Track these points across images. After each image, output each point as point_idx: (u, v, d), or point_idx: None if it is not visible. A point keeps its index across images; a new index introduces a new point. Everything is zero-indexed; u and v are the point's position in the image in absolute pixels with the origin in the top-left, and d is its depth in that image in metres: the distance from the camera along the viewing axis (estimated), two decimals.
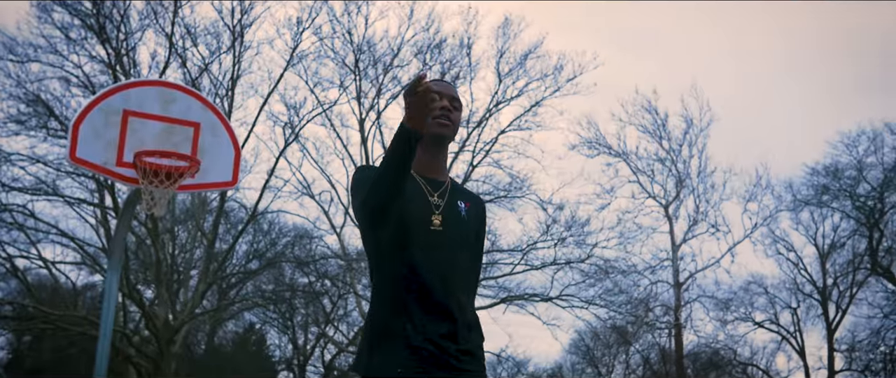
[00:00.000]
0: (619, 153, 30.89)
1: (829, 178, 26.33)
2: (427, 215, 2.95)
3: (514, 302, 24.58)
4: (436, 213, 2.98)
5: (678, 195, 31.55)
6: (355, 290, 24.94)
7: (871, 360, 29.67)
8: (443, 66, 23.70)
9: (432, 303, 2.86)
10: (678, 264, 32.18)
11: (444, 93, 3.08)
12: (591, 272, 25.82)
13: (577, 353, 61.42)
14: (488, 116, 23.62)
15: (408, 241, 2.89)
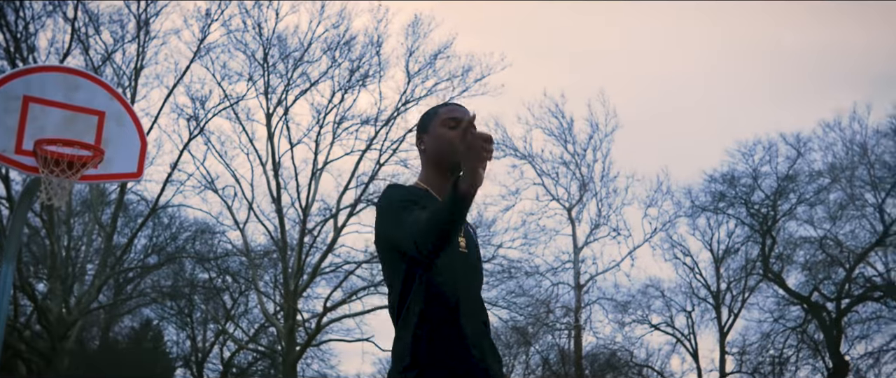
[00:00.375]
0: (525, 155, 31.28)
1: (726, 185, 27.12)
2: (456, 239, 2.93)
3: None
4: (461, 235, 2.98)
5: (581, 198, 32.08)
6: (257, 287, 24.63)
7: (760, 363, 30.63)
8: (352, 64, 23.61)
9: (474, 324, 2.89)
10: (579, 266, 32.73)
11: (463, 119, 2.92)
12: (494, 273, 26.06)
13: None
14: (396, 115, 23.62)
15: (448, 266, 2.86)
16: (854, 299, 25.71)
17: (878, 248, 26.36)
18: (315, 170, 23.79)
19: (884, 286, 26.12)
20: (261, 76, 23.23)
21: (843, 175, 25.64)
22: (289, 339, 23.20)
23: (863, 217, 26.30)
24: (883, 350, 31.46)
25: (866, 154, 25.55)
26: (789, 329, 26.97)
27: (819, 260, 26.02)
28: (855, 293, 25.70)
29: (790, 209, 26.04)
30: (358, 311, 24.67)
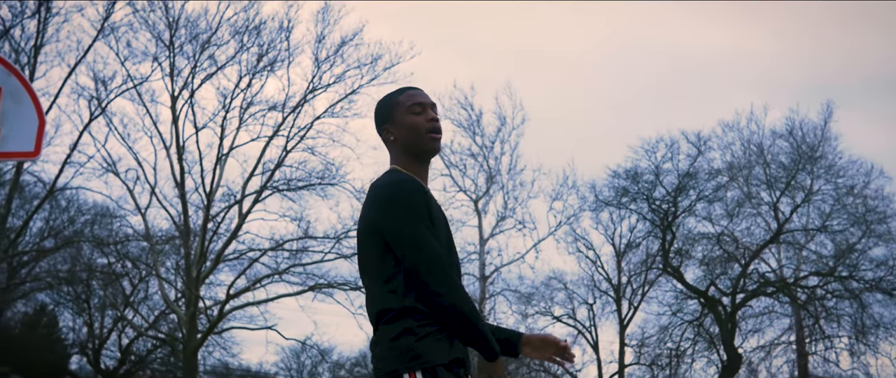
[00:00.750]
0: None
1: (629, 181, 27.64)
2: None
3: (323, 290, 24.48)
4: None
5: (488, 190, 32.33)
6: (158, 273, 24.15)
7: (658, 355, 31.40)
8: (260, 49, 23.31)
9: None
10: (485, 258, 33.02)
11: (427, 102, 2.99)
12: None
13: None
14: (304, 102, 23.40)
15: (453, 260, 2.92)
16: (748, 294, 26.51)
17: (772, 245, 27.26)
18: (220, 155, 23.43)
19: (776, 282, 27.02)
20: (167, 58, 22.77)
21: (740, 174, 26.41)
22: (190, 326, 22.83)
23: (758, 215, 27.16)
24: (774, 344, 32.56)
25: (763, 154, 26.37)
26: (686, 322, 27.68)
27: (716, 255, 26.76)
28: (749, 288, 26.51)
29: (690, 206, 26.70)
30: (262, 299, 24.43)
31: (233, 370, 56.88)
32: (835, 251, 27.19)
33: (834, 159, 26.52)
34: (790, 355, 32.45)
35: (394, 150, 2.98)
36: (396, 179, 2.82)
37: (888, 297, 27.38)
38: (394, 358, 2.67)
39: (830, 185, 26.56)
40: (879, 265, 26.95)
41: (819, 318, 29.39)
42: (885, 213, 26.34)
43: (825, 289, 27.99)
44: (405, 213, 2.72)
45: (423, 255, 2.68)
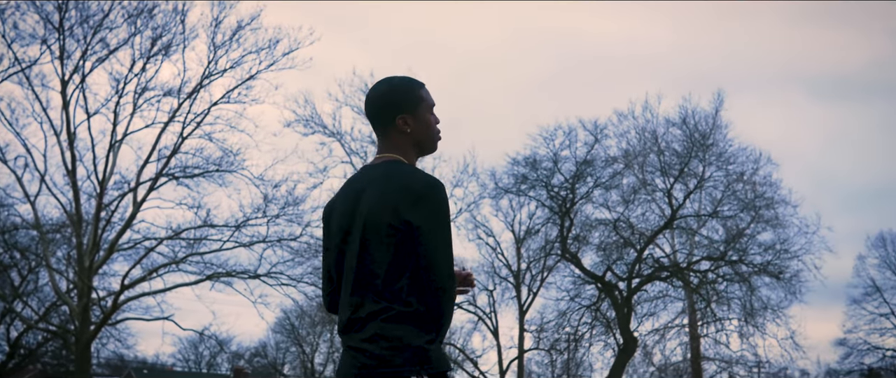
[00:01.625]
0: (334, 133, 31.19)
1: (528, 168, 27.96)
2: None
3: (222, 279, 24.12)
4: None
5: None
6: (48, 263, 23.42)
7: (556, 340, 31.92)
8: (154, 32, 22.76)
9: None
10: None
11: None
12: (300, 250, 25.85)
13: (282, 331, 61.36)
14: (200, 87, 22.94)
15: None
16: (643, 279, 27.12)
17: (666, 231, 27.95)
18: (113, 142, 22.82)
19: (670, 267, 27.74)
20: (56, 40, 22.04)
21: (635, 161, 26.97)
22: (83, 317, 22.21)
23: (653, 201, 27.80)
24: (668, 327, 33.45)
25: (657, 142, 26.99)
26: (584, 307, 28.17)
27: (612, 241, 27.30)
28: (644, 273, 27.12)
29: (587, 192, 27.16)
30: (158, 289, 23.94)
31: (128, 362, 55.62)
32: (725, 236, 28.06)
33: (725, 147, 27.33)
34: (683, 338, 33.40)
35: (401, 141, 2.90)
36: (429, 176, 2.78)
37: (775, 280, 28.40)
38: (404, 359, 2.63)
39: (721, 171, 27.38)
40: (767, 249, 27.92)
41: (710, 301, 30.28)
42: (772, 198, 27.28)
43: (716, 273, 28.86)
44: (443, 209, 2.72)
45: (449, 253, 2.72)
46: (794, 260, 27.64)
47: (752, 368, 40.82)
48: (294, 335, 61.06)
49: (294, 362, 65.86)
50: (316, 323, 54.85)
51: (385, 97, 2.89)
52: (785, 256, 27.62)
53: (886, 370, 55.76)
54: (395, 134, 2.88)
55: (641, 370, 40.67)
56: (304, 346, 62.51)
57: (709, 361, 35.52)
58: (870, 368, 55.46)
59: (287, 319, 57.84)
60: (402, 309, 2.65)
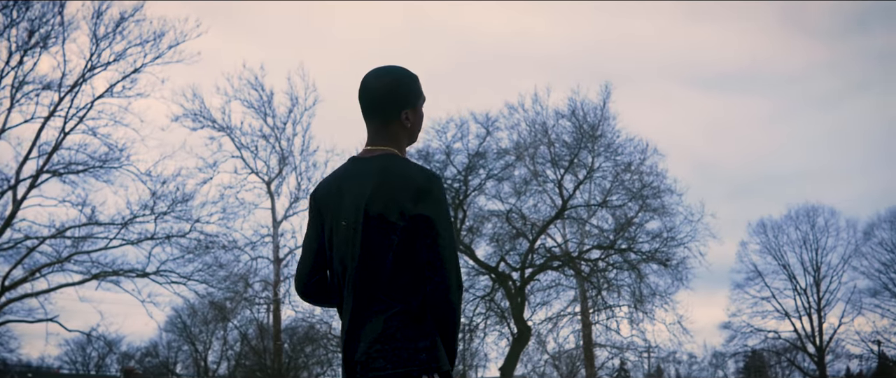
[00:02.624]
0: (224, 127, 30.62)
1: (422, 161, 27.97)
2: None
3: (108, 278, 23.46)
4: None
5: (281, 172, 31.92)
6: None
7: None
8: (31, 24, 21.92)
9: None
10: (278, 240, 32.63)
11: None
12: (190, 247, 25.33)
13: (173, 330, 60.00)
14: (82, 81, 22.22)
15: None
16: (536, 269, 27.49)
17: (558, 221, 28.37)
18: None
19: (562, 256, 28.18)
20: None
21: (526, 153, 27.29)
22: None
23: (544, 192, 28.19)
24: (560, 315, 33.99)
25: (547, 133, 27.35)
26: (479, 298, 28.37)
27: (505, 232, 27.57)
28: (537, 263, 27.48)
29: (480, 184, 27.36)
30: (41, 290, 23.15)
31: (10, 366, 53.62)
32: (615, 225, 28.66)
33: (613, 138, 27.87)
34: (576, 325, 34.01)
35: (399, 135, 2.85)
36: (426, 169, 2.74)
37: (663, 267, 29.15)
38: (409, 359, 2.59)
39: (610, 162, 27.92)
40: (655, 237, 28.62)
41: (601, 289, 30.90)
42: (659, 188, 27.96)
43: (606, 261, 29.44)
44: (447, 206, 2.69)
45: (454, 249, 2.69)
46: (681, 247, 28.42)
47: (642, 353, 41.91)
48: (186, 334, 59.81)
49: (187, 361, 64.55)
50: (208, 320, 53.82)
51: (392, 91, 2.84)
52: (672, 244, 28.38)
53: (769, 351, 57.88)
54: (395, 127, 2.84)
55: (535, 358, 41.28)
56: (197, 344, 61.31)
57: (601, 348, 36.29)
58: (753, 350, 57.51)
59: (178, 318, 56.62)
60: (405, 307, 2.63)
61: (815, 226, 52.19)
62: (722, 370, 72.33)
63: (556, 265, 28.07)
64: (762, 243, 52.60)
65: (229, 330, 55.36)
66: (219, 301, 34.18)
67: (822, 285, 52.06)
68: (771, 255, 52.49)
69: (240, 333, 50.06)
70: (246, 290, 31.71)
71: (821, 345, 51.78)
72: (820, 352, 51.75)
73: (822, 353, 51.78)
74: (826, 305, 52.03)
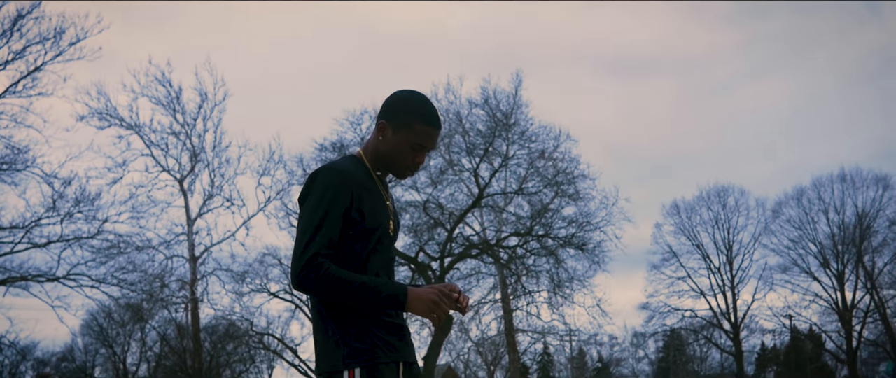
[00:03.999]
0: (132, 125, 29.94)
1: (336, 153, 27.81)
2: (386, 221, 2.74)
3: (15, 284, 22.79)
4: (391, 218, 2.80)
5: (193, 169, 31.35)
6: None
7: None
8: None
9: None
10: (194, 238, 32.07)
11: (430, 147, 2.84)
12: (102, 249, 24.74)
13: (89, 334, 58.73)
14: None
15: (376, 250, 2.71)
16: (455, 257, 27.57)
17: (475, 209, 28.49)
18: None
19: (480, 244, 28.31)
20: None
21: (441, 142, 27.31)
22: None
23: (460, 181, 28.28)
24: (482, 302, 34.16)
25: (461, 123, 27.40)
26: None
27: (423, 222, 27.58)
28: (455, 252, 27.57)
29: None
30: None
31: None
32: (531, 212, 28.89)
33: (526, 126, 28.05)
34: (498, 312, 34.24)
35: (373, 142, 2.79)
36: (323, 166, 2.71)
37: (580, 252, 29.50)
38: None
39: (524, 149, 28.11)
40: (571, 223, 28.94)
41: (520, 275, 31.14)
42: (573, 173, 28.25)
43: (525, 248, 29.67)
44: (316, 196, 2.63)
45: (299, 238, 2.65)
46: (597, 231, 28.81)
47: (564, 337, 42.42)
48: (103, 337, 58.53)
49: (105, 364, 63.28)
50: (125, 323, 52.76)
51: (388, 101, 2.80)
52: (587, 228, 28.73)
53: (686, 330, 59.13)
54: (374, 134, 2.81)
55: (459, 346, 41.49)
56: (115, 347, 60.04)
57: (523, 333, 36.61)
58: (671, 329, 58.70)
59: (94, 321, 55.40)
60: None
61: (726, 206, 53.40)
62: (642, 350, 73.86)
63: (475, 253, 28.20)
64: (676, 224, 53.65)
65: (147, 331, 54.46)
66: (134, 303, 33.50)
67: (734, 263, 53.33)
68: (685, 235, 53.56)
69: (159, 334, 49.24)
70: (162, 290, 31.12)
71: (736, 321, 53.08)
72: (735, 328, 53.01)
73: (738, 330, 53.06)
74: (739, 283, 53.32)
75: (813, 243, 49.23)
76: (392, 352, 2.62)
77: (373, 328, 2.61)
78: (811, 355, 58.10)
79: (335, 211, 2.57)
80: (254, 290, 42.42)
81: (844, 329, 48.60)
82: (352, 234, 2.62)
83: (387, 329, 2.64)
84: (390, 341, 2.64)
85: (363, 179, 2.68)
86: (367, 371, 2.56)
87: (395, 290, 2.60)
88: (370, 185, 2.70)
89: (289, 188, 33.56)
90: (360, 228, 2.62)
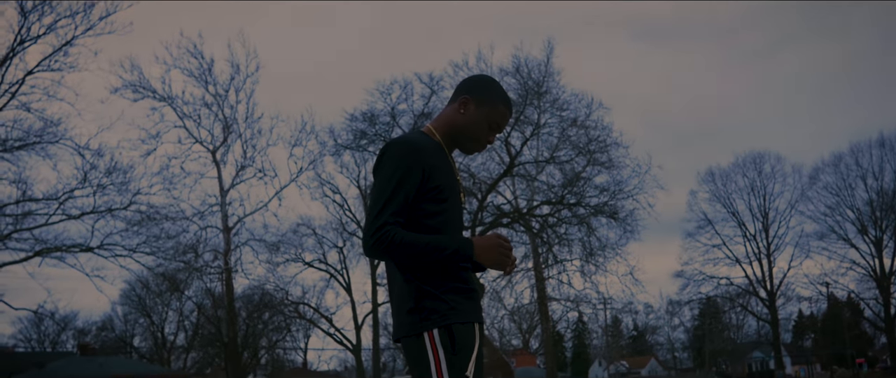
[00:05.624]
0: (165, 97, 30.10)
1: (367, 123, 27.81)
2: (457, 192, 2.83)
3: (51, 254, 23.08)
4: (461, 189, 2.90)
5: (226, 140, 31.52)
6: None
7: None
8: None
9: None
10: (227, 209, 32.25)
11: (502, 128, 2.96)
12: (135, 220, 24.99)
13: (128, 303, 59.55)
14: (13, 56, 21.65)
15: (447, 220, 2.77)
16: (486, 226, 27.51)
17: (506, 178, 28.39)
18: None
19: (512, 213, 28.22)
20: None
21: None
22: None
23: (492, 150, 28.15)
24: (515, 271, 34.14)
25: None
26: None
27: None
28: (486, 221, 27.50)
29: None
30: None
31: None
32: (563, 180, 28.72)
33: (558, 94, 27.82)
34: (532, 280, 34.19)
35: (450, 118, 2.89)
36: (395, 138, 2.77)
37: (612, 220, 29.34)
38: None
39: (556, 118, 27.90)
40: (603, 191, 28.76)
41: (552, 244, 31.03)
42: (605, 142, 28.03)
43: (556, 216, 29.55)
44: (388, 170, 2.71)
45: (371, 212, 2.73)
46: (629, 199, 28.60)
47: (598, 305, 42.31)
48: (141, 307, 59.28)
49: (144, 334, 64.13)
50: (162, 293, 53.36)
51: (469, 80, 2.92)
52: (620, 196, 28.53)
53: (722, 297, 58.80)
54: (451, 110, 2.90)
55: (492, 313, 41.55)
56: (153, 316, 60.82)
57: (556, 302, 36.55)
58: (707, 297, 58.41)
59: (133, 291, 56.14)
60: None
61: (762, 172, 52.81)
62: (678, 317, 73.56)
63: (507, 222, 28.12)
64: (711, 192, 53.23)
65: (184, 301, 55.04)
66: (170, 273, 33.83)
67: (770, 230, 52.84)
68: (720, 202, 53.14)
69: (194, 304, 49.76)
70: (196, 260, 31.40)
71: (772, 289, 52.68)
72: (771, 296, 52.62)
73: (774, 297, 52.65)
74: (775, 250, 52.86)
75: (850, 210, 48.70)
76: (468, 313, 2.71)
77: (449, 291, 2.70)
78: (849, 323, 57.57)
79: (407, 182, 2.66)
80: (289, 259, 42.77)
81: (882, 296, 48.04)
82: (424, 206, 2.71)
83: (463, 293, 2.73)
84: (466, 303, 2.73)
85: (435, 152, 2.76)
86: (445, 332, 2.66)
87: (461, 244, 2.69)
88: (441, 157, 2.79)
89: (321, 159, 33.63)
90: (432, 199, 2.71)
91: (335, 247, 46.36)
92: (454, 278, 2.72)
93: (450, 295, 2.71)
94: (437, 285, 2.70)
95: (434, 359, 2.66)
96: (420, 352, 2.68)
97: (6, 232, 22.74)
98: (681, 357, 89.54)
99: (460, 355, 2.67)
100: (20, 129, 22.24)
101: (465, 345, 2.68)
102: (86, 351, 55.83)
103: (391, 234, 2.60)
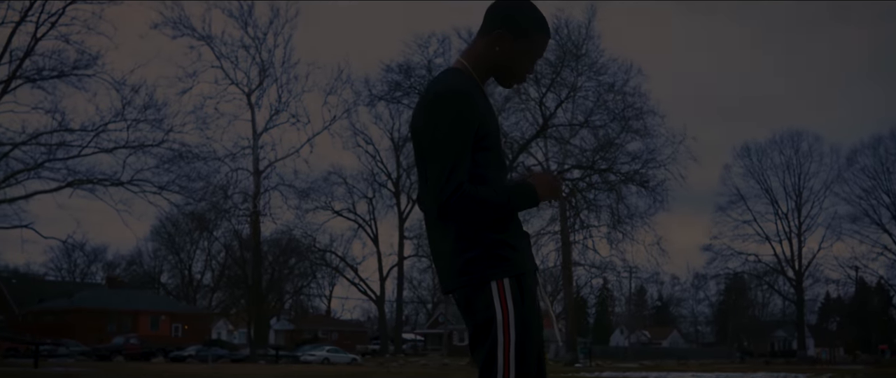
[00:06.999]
0: (203, 36, 30.13)
1: (402, 76, 27.73)
2: (499, 134, 2.65)
3: (82, 186, 23.30)
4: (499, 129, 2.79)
5: (261, 83, 31.56)
6: None
7: None
8: None
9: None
10: (258, 152, 32.42)
11: (539, 59, 2.80)
12: (167, 157, 25.16)
13: (158, 239, 60.27)
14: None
15: (496, 162, 2.58)
16: None
17: (539, 139, 28.24)
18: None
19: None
20: None
21: None
22: None
23: (526, 110, 28.03)
24: (541, 233, 34.11)
25: None
26: None
27: None
28: None
29: None
30: (15, 197, 22.99)
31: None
32: (595, 145, 28.54)
33: (596, 57, 27.60)
34: (558, 243, 34.14)
35: (483, 54, 2.65)
36: (445, 85, 2.55)
37: (642, 189, 29.15)
38: None
39: (593, 82, 27.69)
40: (635, 159, 28.57)
41: (581, 209, 30.89)
42: (641, 109, 27.79)
43: (587, 181, 29.38)
44: (440, 120, 2.53)
45: (439, 164, 2.55)
46: (661, 169, 28.41)
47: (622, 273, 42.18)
48: (170, 244, 59.95)
49: (172, 271, 64.94)
50: (190, 231, 53.86)
51: (502, 7, 2.65)
52: (651, 165, 28.34)
53: (749, 274, 58.41)
54: (483, 44, 2.64)
55: None
56: (181, 254, 61.51)
57: (580, 267, 36.49)
58: (734, 272, 58.04)
59: (163, 228, 56.75)
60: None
61: (799, 151, 52.20)
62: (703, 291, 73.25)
63: None
64: (746, 167, 52.73)
65: (212, 241, 55.51)
66: (199, 212, 34.12)
67: (803, 210, 52.31)
68: (754, 178, 52.62)
69: (222, 245, 50.20)
70: (225, 201, 31.63)
71: (799, 269, 52.20)
72: (799, 276, 52.16)
73: (801, 277, 52.21)
74: (806, 230, 52.38)
75: (887, 194, 48.07)
76: (529, 260, 2.58)
77: (514, 237, 2.54)
78: (877, 308, 57.05)
79: (468, 135, 2.48)
80: (318, 207, 42.97)
81: None
82: (476, 156, 2.53)
83: (524, 238, 2.60)
84: (528, 250, 2.60)
85: (480, 97, 2.58)
86: (515, 281, 2.51)
87: (527, 191, 2.54)
88: (484, 100, 2.61)
89: (355, 108, 33.59)
90: (483, 147, 2.53)
91: (365, 197, 46.52)
92: (515, 224, 2.57)
93: (514, 241, 2.55)
94: (499, 231, 2.52)
95: (502, 308, 2.50)
96: (486, 302, 2.51)
97: (40, 161, 22.97)
98: (703, 331, 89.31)
99: (526, 304, 2.52)
100: (57, 60, 22.36)
101: (531, 293, 2.54)
102: (113, 284, 56.73)
103: (471, 193, 2.44)
